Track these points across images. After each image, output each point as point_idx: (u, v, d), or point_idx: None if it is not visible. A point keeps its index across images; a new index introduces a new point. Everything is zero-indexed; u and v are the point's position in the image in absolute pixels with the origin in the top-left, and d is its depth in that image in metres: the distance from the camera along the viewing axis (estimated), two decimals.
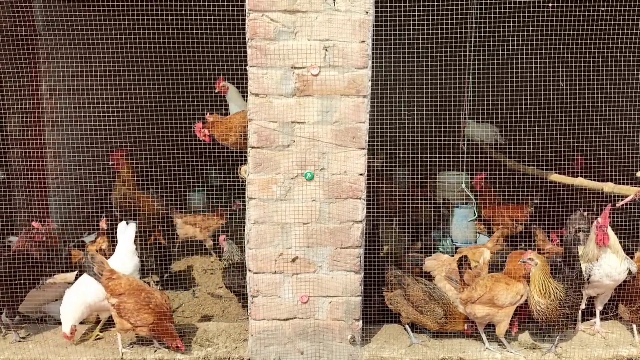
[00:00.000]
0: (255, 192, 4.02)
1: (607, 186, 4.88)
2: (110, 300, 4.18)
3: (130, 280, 4.28)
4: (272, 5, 3.79)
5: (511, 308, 4.17)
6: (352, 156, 3.97)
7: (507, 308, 4.15)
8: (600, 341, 4.39)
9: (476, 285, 4.20)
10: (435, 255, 4.85)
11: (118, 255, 4.63)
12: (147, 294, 4.22)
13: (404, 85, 6.53)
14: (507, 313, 4.17)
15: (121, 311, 4.15)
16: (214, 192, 7.32)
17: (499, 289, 4.16)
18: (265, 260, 4.09)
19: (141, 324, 4.13)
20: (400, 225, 6.16)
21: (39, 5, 5.48)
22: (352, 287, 4.12)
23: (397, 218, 6.27)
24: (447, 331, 4.35)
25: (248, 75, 3.90)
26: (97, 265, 4.22)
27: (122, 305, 4.14)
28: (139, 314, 4.12)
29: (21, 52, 5.39)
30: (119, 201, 5.88)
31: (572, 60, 5.51)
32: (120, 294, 4.17)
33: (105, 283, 4.21)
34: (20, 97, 5.61)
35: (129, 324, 4.16)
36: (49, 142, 5.81)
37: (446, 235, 5.58)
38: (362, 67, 3.87)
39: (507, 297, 4.14)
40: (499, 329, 4.21)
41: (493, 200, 5.93)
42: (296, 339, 4.18)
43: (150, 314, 4.14)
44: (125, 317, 4.14)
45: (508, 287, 4.17)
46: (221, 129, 4.47)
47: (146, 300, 4.17)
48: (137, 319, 4.12)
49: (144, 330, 4.18)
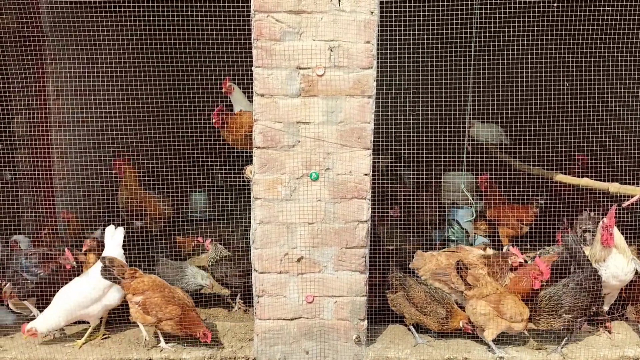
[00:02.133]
0: (261, 192, 4.03)
1: (613, 186, 4.87)
2: (134, 298, 4.24)
3: (152, 277, 4.36)
4: (277, 6, 3.81)
5: (506, 323, 4.14)
6: (357, 156, 3.98)
7: (503, 321, 4.13)
8: (606, 341, 4.38)
9: (486, 283, 4.20)
10: (418, 252, 4.79)
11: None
12: (169, 289, 4.32)
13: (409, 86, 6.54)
14: (499, 325, 4.14)
15: (147, 307, 4.20)
16: (218, 193, 7.33)
17: (508, 298, 4.18)
18: (271, 260, 4.10)
19: (169, 317, 4.19)
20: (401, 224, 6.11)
21: (46, 7, 5.51)
22: (357, 287, 4.12)
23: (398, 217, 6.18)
24: (449, 331, 4.34)
25: (253, 75, 3.92)
26: (117, 269, 4.27)
27: (148, 300, 4.20)
28: (167, 307, 4.19)
29: (28, 54, 5.43)
30: (125, 203, 5.91)
31: (576, 60, 5.50)
32: (145, 291, 4.24)
33: (128, 283, 4.26)
34: (27, 98, 5.65)
35: (154, 319, 4.20)
36: (56, 143, 5.85)
37: (453, 222, 5.55)
38: (367, 67, 3.88)
39: (511, 309, 4.13)
40: (487, 334, 4.18)
41: (498, 200, 5.91)
42: (301, 338, 4.19)
43: (177, 305, 4.21)
44: (152, 312, 4.19)
45: (516, 303, 4.18)
46: (229, 125, 4.46)
47: (170, 294, 4.27)
48: (165, 312, 4.18)
49: (169, 324, 4.21)
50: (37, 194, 5.51)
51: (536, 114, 7.10)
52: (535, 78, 7.01)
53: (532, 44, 6.51)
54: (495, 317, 4.13)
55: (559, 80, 5.84)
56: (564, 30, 5.72)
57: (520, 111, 6.63)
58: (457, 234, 5.40)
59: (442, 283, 4.45)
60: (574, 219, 5.23)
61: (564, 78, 5.44)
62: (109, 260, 4.29)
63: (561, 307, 4.14)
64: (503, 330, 4.16)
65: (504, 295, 4.20)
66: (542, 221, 5.56)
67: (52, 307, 4.29)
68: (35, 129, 5.68)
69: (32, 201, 5.52)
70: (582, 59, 5.45)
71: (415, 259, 4.69)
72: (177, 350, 4.27)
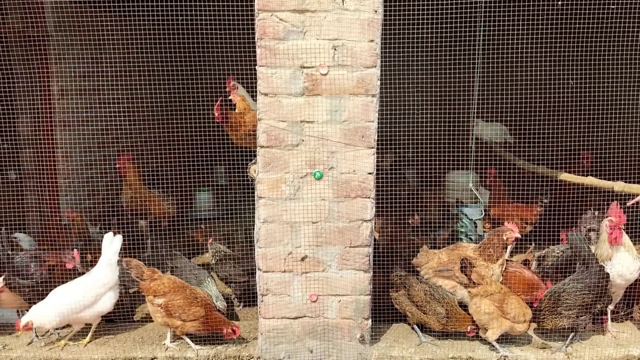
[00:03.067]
0: (265, 191, 4.04)
1: (618, 185, 4.85)
2: (155, 301, 4.19)
3: (172, 278, 4.31)
4: (281, 5, 3.81)
5: (509, 323, 4.14)
6: (361, 155, 3.98)
7: (506, 321, 4.12)
8: (611, 340, 4.37)
9: (491, 282, 4.20)
10: (424, 247, 4.75)
11: (100, 267, 4.43)
12: (190, 289, 4.26)
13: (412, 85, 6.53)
14: (502, 325, 4.14)
15: (170, 309, 4.15)
16: (221, 191, 7.34)
17: (512, 298, 4.18)
18: (275, 259, 4.10)
19: (193, 318, 4.15)
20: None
21: (50, 7, 5.53)
22: (361, 286, 4.13)
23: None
24: (451, 331, 4.34)
25: (257, 75, 3.92)
26: (135, 270, 4.23)
27: (170, 303, 4.15)
28: (190, 308, 4.15)
29: (32, 54, 5.44)
30: (129, 202, 5.92)
31: (581, 58, 5.48)
32: (165, 293, 4.18)
33: (147, 285, 4.21)
34: (32, 98, 5.66)
35: (178, 321, 4.16)
36: (60, 143, 5.86)
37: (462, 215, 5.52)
38: (371, 66, 3.88)
39: (515, 309, 4.13)
40: (490, 334, 4.17)
41: (502, 198, 5.90)
42: (306, 337, 4.20)
43: (200, 306, 4.18)
44: (176, 314, 4.15)
45: (520, 304, 4.18)
46: (232, 121, 4.44)
47: (192, 295, 4.22)
48: (189, 314, 4.15)
49: (194, 325, 4.17)
50: (42, 193, 5.53)
51: (540, 112, 7.08)
52: (538, 77, 6.99)
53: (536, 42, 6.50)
54: (498, 317, 4.13)
55: (563, 78, 5.82)
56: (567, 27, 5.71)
57: (523, 110, 6.61)
58: (467, 226, 5.37)
59: (446, 279, 4.44)
60: (578, 218, 5.21)
61: (568, 75, 5.41)
62: (126, 262, 4.27)
63: (566, 306, 4.13)
64: (506, 330, 4.16)
65: (507, 295, 4.19)
66: (546, 221, 5.56)
67: (47, 301, 4.25)
68: (39, 128, 5.70)
69: (37, 200, 5.54)
70: (586, 56, 5.42)
71: (419, 255, 4.68)
72: (182, 349, 4.28)
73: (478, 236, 5.62)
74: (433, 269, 4.53)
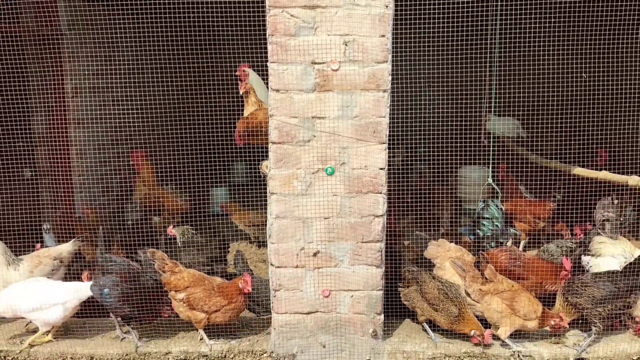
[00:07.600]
0: (277, 187, 4.05)
1: (633, 179, 4.81)
2: (177, 295, 4.22)
3: (190, 272, 4.33)
4: (292, 1, 3.82)
5: (520, 321, 4.12)
6: (372, 151, 3.98)
7: (517, 318, 4.11)
8: (625, 335, 4.34)
9: (502, 280, 4.19)
10: (440, 241, 4.76)
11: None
12: (208, 280, 4.28)
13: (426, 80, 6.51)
14: (514, 323, 4.13)
15: (192, 302, 4.18)
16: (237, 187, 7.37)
17: (522, 295, 4.17)
18: (287, 254, 4.12)
19: (215, 309, 4.17)
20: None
21: (64, 5, 5.58)
22: (373, 281, 4.13)
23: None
24: (458, 332, 4.26)
25: (269, 71, 3.93)
26: (158, 262, 4.26)
27: (192, 296, 4.18)
28: (211, 299, 4.17)
29: (46, 52, 5.50)
30: (143, 198, 5.98)
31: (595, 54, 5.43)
32: (187, 287, 4.22)
33: (168, 278, 4.24)
34: (46, 96, 5.73)
35: (202, 313, 4.19)
36: (74, 140, 5.92)
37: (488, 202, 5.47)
38: (382, 61, 3.88)
39: (525, 307, 4.12)
40: (502, 332, 4.16)
41: (514, 193, 5.86)
42: (318, 332, 4.21)
43: (220, 296, 4.19)
44: (198, 307, 4.18)
45: (530, 301, 4.16)
46: (243, 127, 4.39)
47: (210, 285, 4.23)
48: (211, 305, 4.17)
49: (219, 316, 4.19)
50: (56, 190, 5.59)
51: (554, 107, 7.02)
52: (553, 71, 6.93)
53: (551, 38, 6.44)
54: (509, 315, 4.11)
55: (577, 73, 5.77)
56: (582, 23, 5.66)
57: (537, 104, 6.56)
58: (494, 213, 5.33)
59: (456, 275, 4.43)
60: (594, 206, 5.12)
61: (582, 70, 5.36)
62: (150, 252, 4.30)
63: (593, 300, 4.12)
64: (517, 328, 4.14)
65: (518, 293, 4.17)
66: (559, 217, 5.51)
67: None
68: (54, 127, 5.76)
69: (52, 198, 5.60)
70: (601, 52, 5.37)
71: (429, 247, 4.67)
72: (194, 343, 4.30)
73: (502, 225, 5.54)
74: (450, 259, 4.51)
